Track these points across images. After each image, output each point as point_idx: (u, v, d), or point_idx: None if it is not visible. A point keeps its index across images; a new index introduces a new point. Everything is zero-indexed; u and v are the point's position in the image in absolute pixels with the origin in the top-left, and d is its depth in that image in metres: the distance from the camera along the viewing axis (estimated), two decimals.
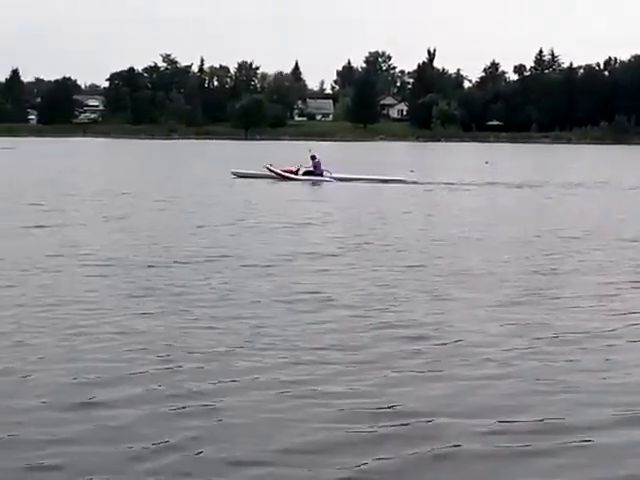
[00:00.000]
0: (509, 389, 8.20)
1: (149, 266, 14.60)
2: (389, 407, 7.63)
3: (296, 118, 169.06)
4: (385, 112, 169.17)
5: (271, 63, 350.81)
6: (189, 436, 6.90)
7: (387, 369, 8.73)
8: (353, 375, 8.53)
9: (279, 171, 38.05)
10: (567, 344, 9.80)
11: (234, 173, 39.75)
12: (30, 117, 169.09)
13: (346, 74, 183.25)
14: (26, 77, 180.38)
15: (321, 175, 37.48)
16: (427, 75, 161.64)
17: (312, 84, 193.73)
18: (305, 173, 37.71)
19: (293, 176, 37.64)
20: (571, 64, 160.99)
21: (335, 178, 37.27)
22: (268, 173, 38.42)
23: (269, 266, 14.84)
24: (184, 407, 7.53)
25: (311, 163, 37.96)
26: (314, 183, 36.63)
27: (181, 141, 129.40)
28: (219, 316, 10.95)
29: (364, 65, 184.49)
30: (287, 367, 8.75)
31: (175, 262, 15.07)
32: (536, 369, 8.80)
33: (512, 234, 20.08)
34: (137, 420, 7.24)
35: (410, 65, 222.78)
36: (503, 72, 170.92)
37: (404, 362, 9.00)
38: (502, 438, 6.96)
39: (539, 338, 10.02)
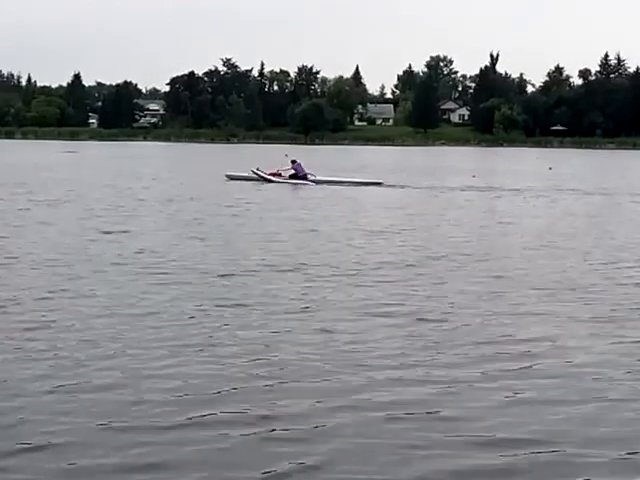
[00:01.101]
0: (634, 414, 7.52)
1: (225, 275, 14.09)
2: (508, 434, 7.02)
3: (356, 123, 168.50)
4: (446, 117, 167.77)
5: (331, 67, 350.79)
6: (298, 464, 6.37)
7: (497, 390, 8.10)
8: (462, 396, 7.94)
9: (264, 175, 38.99)
10: None
11: (227, 175, 40.83)
12: (91, 121, 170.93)
13: (407, 78, 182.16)
14: (88, 81, 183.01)
15: (305, 178, 38.23)
16: (489, 79, 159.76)
17: (372, 88, 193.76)
18: (291, 176, 38.43)
19: (279, 179, 38.59)
20: (638, 68, 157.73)
21: (314, 181, 37.88)
22: (256, 176, 39.27)
23: (349, 275, 14.27)
24: (286, 429, 7.01)
25: (291, 166, 38.89)
26: (296, 185, 37.11)
27: (241, 145, 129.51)
28: (307, 328, 10.43)
29: (425, 69, 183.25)
30: (390, 385, 8.18)
31: (251, 271, 14.57)
32: None
33: (592, 243, 19.38)
34: (239, 443, 6.75)
35: (472, 69, 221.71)
36: (567, 77, 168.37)
37: (513, 383, 8.35)
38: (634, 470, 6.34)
39: None
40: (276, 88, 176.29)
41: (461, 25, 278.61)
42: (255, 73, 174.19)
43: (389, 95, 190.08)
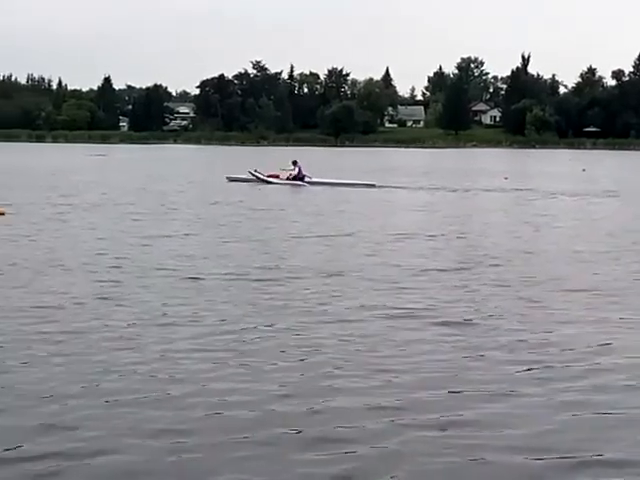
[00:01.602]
0: None
1: (265, 280, 13.68)
2: (594, 456, 6.47)
3: (387, 125, 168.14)
4: (477, 118, 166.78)
5: (361, 69, 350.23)
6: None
7: (573, 406, 7.57)
8: (530, 410, 7.43)
9: (262, 176, 39.35)
10: None
11: (228, 177, 41.16)
12: (121, 124, 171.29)
13: (437, 80, 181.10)
14: (118, 84, 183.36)
15: (302, 179, 38.57)
16: (521, 80, 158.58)
17: (403, 90, 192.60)
18: (289, 178, 38.72)
19: (277, 180, 38.86)
20: None
21: (310, 182, 38.14)
22: (254, 178, 39.67)
23: (390, 281, 13.73)
24: (343, 447, 6.52)
25: (293, 168, 39.18)
26: (294, 186, 37.54)
27: (271, 148, 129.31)
28: (349, 334, 10.03)
29: (456, 71, 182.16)
30: (449, 401, 7.69)
31: (289, 275, 14.15)
32: None
33: (631, 246, 18.70)
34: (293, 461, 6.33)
35: (503, 70, 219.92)
36: (600, 77, 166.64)
37: (589, 398, 7.83)
38: None
39: None
40: (306, 90, 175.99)
41: (492, 26, 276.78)
42: (285, 75, 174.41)
43: (419, 97, 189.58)
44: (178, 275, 14.04)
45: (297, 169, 38.93)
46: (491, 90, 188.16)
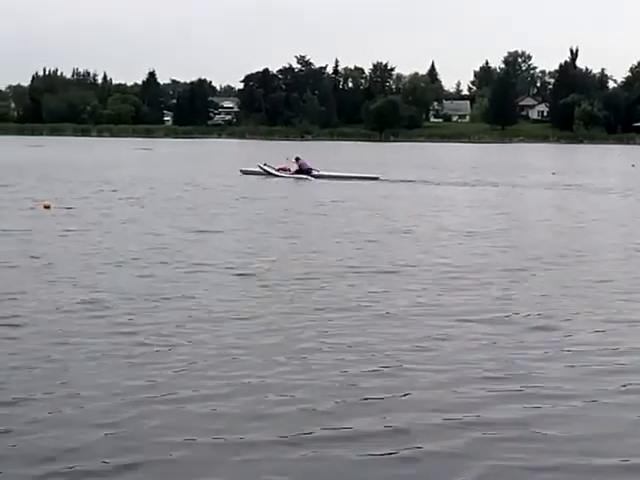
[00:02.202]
0: None
1: (318, 277, 13.23)
2: None
3: (432, 119, 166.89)
4: (524, 113, 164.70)
5: (407, 64, 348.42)
6: None
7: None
8: (585, 414, 7.11)
9: (270, 170, 40.19)
10: None
11: (242, 171, 41.69)
12: (166, 118, 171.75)
13: (484, 74, 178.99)
14: (162, 79, 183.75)
15: (309, 172, 39.24)
16: (569, 75, 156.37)
17: (448, 85, 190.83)
18: (296, 172, 39.41)
19: (284, 174, 39.52)
20: None
21: (315, 176, 38.78)
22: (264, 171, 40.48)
23: (445, 278, 13.30)
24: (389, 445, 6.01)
25: (297, 163, 39.95)
26: (298, 179, 38.12)
27: (315, 142, 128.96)
28: (406, 334, 9.67)
29: (503, 65, 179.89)
30: (495, 400, 7.43)
31: (343, 273, 13.68)
32: None
33: None
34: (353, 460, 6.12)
35: (551, 65, 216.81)
36: None
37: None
38: None
39: None
40: (351, 85, 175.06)
41: (540, 20, 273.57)
42: (330, 70, 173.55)
43: (465, 91, 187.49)
44: (228, 271, 13.70)
45: (297, 166, 39.70)
46: (538, 84, 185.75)
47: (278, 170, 39.94)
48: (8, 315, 10.23)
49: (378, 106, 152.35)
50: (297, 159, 40.24)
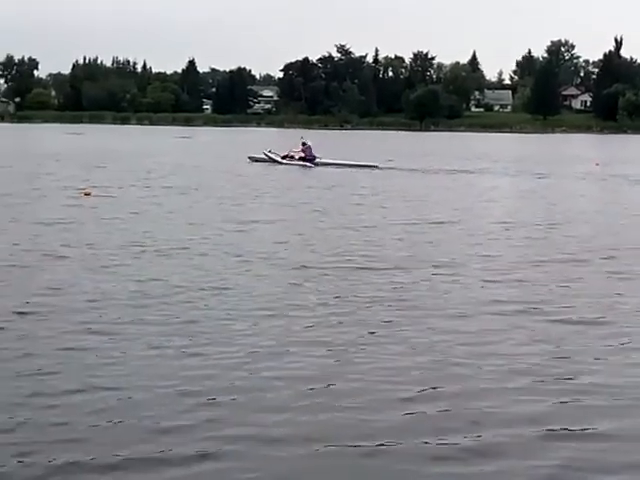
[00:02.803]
0: None
1: (367, 268, 12.93)
2: None
3: (473, 109, 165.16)
4: (567, 103, 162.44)
5: (448, 53, 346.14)
6: None
7: None
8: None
9: (275, 157, 40.35)
10: None
11: (250, 158, 41.97)
12: (205, 107, 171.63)
13: (526, 64, 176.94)
14: (202, 67, 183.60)
15: (313, 160, 39.13)
16: (614, 64, 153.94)
17: (490, 74, 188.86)
18: (300, 159, 39.33)
19: (288, 161, 39.47)
20: None
21: (317, 163, 38.79)
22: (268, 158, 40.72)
23: (494, 272, 12.75)
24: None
25: (301, 149, 39.86)
26: (303, 167, 38.06)
27: (354, 132, 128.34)
28: (456, 329, 9.29)
29: (545, 54, 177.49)
30: (548, 396, 7.12)
31: (394, 265, 13.20)
32: None
33: None
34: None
35: (595, 54, 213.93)
36: None
37: None
38: None
39: None
40: (391, 74, 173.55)
41: (584, 9, 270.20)
42: (370, 59, 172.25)
43: (507, 81, 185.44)
44: (275, 263, 13.31)
45: (302, 152, 39.56)
46: (582, 74, 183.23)
47: (283, 157, 39.99)
48: (57, 304, 9.96)
49: (418, 95, 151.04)
50: (304, 144, 40.12)
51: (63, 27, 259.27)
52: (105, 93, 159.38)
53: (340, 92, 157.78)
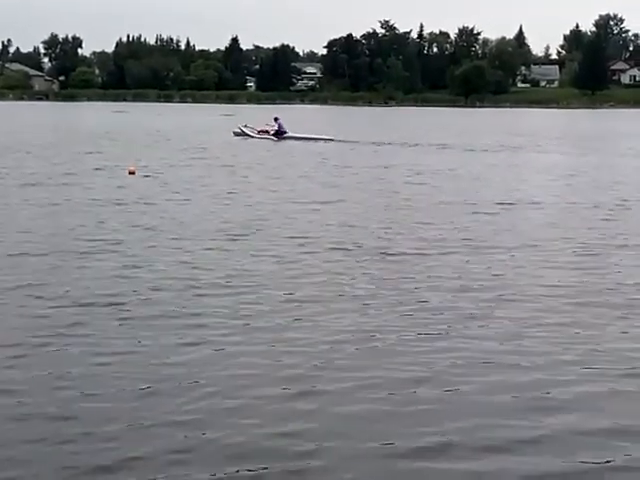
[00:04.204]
0: None
1: (425, 253, 12.30)
2: None
3: (519, 85, 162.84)
4: (616, 78, 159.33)
5: (493, 28, 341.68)
6: None
7: None
8: None
9: (248, 131, 42.78)
10: None
11: (234, 132, 43.79)
12: (249, 84, 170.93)
13: (574, 38, 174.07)
14: (245, 45, 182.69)
15: (284, 134, 41.18)
16: None
17: (537, 49, 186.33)
18: (275, 133, 41.27)
19: (264, 135, 41.41)
20: None
21: (285, 138, 40.75)
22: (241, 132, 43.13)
23: (560, 257, 12.20)
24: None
25: (275, 124, 41.79)
26: (272, 140, 40.21)
27: (399, 108, 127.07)
28: (545, 318, 8.81)
29: (594, 29, 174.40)
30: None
31: (449, 249, 12.62)
32: None
33: None
34: None
35: None
36: None
37: None
38: None
39: None
40: (435, 50, 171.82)
41: None
42: (414, 35, 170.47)
43: (554, 56, 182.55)
44: (340, 245, 12.84)
45: (277, 125, 41.55)
46: (631, 48, 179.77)
47: (259, 132, 42.01)
48: (116, 293, 9.62)
49: (463, 71, 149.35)
50: (276, 119, 42.00)
51: (106, 5, 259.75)
52: (148, 71, 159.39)
53: (384, 68, 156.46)
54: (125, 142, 37.42)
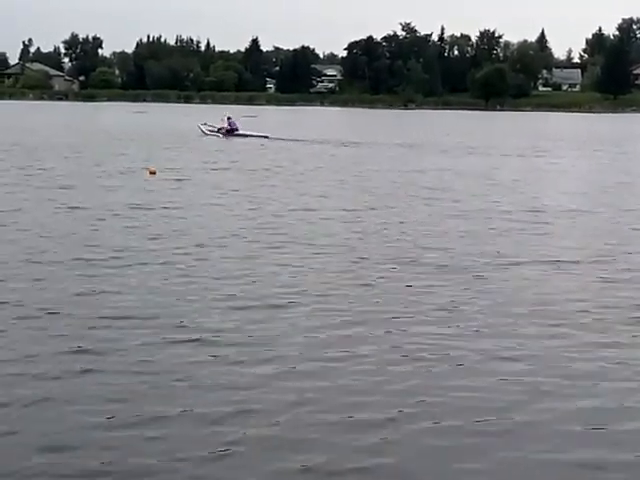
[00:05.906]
0: None
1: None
2: None
3: (540, 88, 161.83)
4: (638, 82, 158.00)
5: (515, 31, 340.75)
6: None
7: None
8: None
9: (205, 130, 45.46)
10: None
11: (202, 130, 46.16)
12: (268, 86, 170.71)
13: (596, 42, 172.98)
14: (265, 46, 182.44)
15: (234, 132, 44.39)
16: None
17: (559, 53, 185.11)
18: (228, 131, 44.50)
19: (214, 134, 44.26)
20: None
21: (235, 135, 43.82)
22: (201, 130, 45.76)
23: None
24: None
25: (227, 122, 45.26)
26: (226, 138, 43.10)
27: (419, 111, 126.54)
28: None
29: (616, 32, 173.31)
30: None
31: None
32: None
33: None
34: None
35: None
36: None
37: None
38: None
39: None
40: (456, 53, 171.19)
41: None
42: (435, 38, 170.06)
43: (576, 60, 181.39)
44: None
45: (228, 124, 44.88)
46: None
47: (219, 130, 44.78)
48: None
49: (484, 74, 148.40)
50: (229, 118, 45.50)
51: (127, 5, 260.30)
52: (168, 72, 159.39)
53: (404, 71, 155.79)
54: (149, 143, 37.20)
